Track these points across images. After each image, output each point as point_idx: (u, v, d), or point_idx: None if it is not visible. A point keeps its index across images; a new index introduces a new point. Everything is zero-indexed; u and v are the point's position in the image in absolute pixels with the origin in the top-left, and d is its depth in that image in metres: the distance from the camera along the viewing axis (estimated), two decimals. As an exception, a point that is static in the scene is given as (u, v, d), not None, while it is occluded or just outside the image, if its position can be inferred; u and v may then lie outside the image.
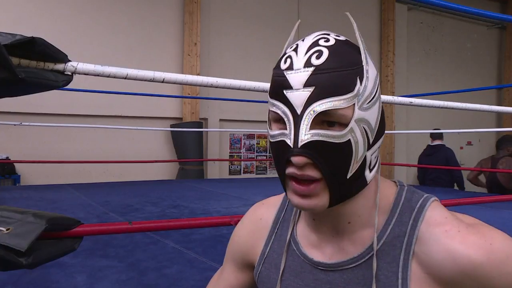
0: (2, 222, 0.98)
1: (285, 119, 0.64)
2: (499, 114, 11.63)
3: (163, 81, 1.25)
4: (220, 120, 8.29)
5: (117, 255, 2.44)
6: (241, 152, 8.77)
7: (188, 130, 7.15)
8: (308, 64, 0.62)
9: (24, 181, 6.66)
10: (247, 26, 8.46)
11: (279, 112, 0.65)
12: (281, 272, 0.76)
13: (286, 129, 0.64)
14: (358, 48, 0.67)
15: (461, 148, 10.68)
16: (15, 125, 5.19)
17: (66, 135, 6.83)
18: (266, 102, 0.70)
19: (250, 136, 8.80)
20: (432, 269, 0.64)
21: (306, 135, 0.62)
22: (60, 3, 6.92)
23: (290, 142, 0.63)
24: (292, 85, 0.63)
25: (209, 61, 8.11)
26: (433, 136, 6.02)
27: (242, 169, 8.80)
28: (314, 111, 0.61)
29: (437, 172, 5.77)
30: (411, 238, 0.67)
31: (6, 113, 6.22)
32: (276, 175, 0.70)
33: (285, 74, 0.64)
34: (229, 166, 8.66)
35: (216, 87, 1.34)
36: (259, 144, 8.90)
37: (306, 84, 0.61)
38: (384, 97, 1.80)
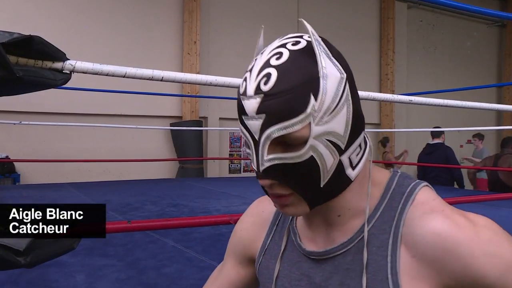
0: (0, 221, 0.98)
1: (248, 143, 0.66)
2: (499, 112, 11.63)
3: (161, 80, 1.25)
4: (220, 118, 8.29)
5: (116, 254, 2.44)
6: (241, 151, 8.77)
7: (187, 129, 7.15)
8: (257, 90, 0.62)
9: (24, 180, 6.66)
10: (246, 24, 8.45)
11: (243, 135, 0.67)
12: (278, 259, 0.77)
13: (251, 152, 0.66)
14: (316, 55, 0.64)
15: (461, 146, 10.68)
16: (14, 124, 5.18)
17: (65, 134, 6.83)
18: None
19: (250, 135, 8.79)
20: (416, 249, 0.64)
21: (265, 161, 0.63)
22: (59, 2, 6.91)
23: (254, 166, 0.65)
24: (247, 112, 0.63)
25: (209, 59, 8.10)
26: (433, 135, 6.04)
27: (242, 167, 8.80)
28: (269, 137, 0.62)
29: (437, 170, 5.78)
30: (399, 222, 0.67)
31: (6, 112, 6.22)
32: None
33: (242, 100, 0.64)
34: (229, 164, 8.66)
35: (216, 85, 1.34)
36: (259, 142, 8.89)
37: (258, 112, 0.62)
38: (384, 96, 1.80)
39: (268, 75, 0.62)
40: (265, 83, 0.61)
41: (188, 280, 2.04)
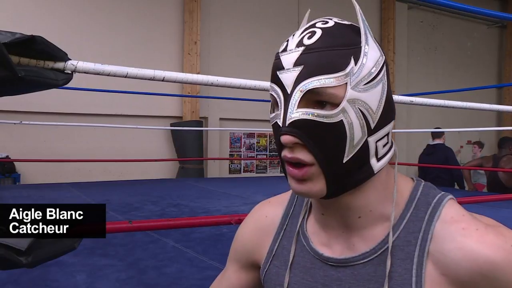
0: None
1: (278, 100, 0.63)
2: (499, 113, 11.63)
3: (163, 80, 1.25)
4: (220, 119, 8.29)
5: (117, 254, 2.44)
6: (241, 151, 8.77)
7: (188, 129, 7.15)
8: (299, 44, 0.62)
9: (24, 180, 6.66)
10: (247, 25, 8.46)
11: (273, 93, 0.64)
12: (289, 267, 0.74)
13: (279, 110, 0.64)
14: (360, 32, 0.65)
15: (461, 147, 10.68)
16: (15, 123, 5.18)
17: (66, 134, 6.83)
18: (266, 101, 0.69)
19: (250, 135, 8.80)
20: (447, 269, 0.61)
21: (294, 113, 0.61)
22: (59, 2, 6.92)
23: (280, 121, 0.63)
24: (284, 66, 0.63)
25: (209, 59, 8.11)
26: (433, 135, 6.04)
27: (242, 168, 8.81)
28: (302, 89, 0.60)
29: (437, 171, 5.78)
30: (426, 235, 0.63)
31: (6, 112, 6.22)
32: (276, 174, 0.69)
33: (280, 56, 0.64)
34: (229, 165, 8.66)
35: (217, 85, 1.34)
36: (259, 143, 8.91)
37: (296, 64, 0.61)
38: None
39: (313, 32, 0.63)
40: (309, 38, 0.62)
41: (189, 280, 2.04)
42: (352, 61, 0.61)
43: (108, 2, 7.31)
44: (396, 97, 1.84)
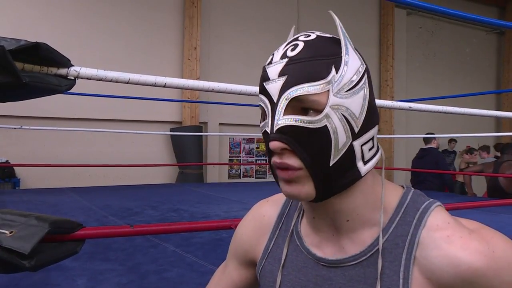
0: (5, 225, 0.99)
1: (266, 109, 0.67)
2: (498, 119, 11.65)
3: (164, 86, 1.26)
4: (220, 124, 8.31)
5: (117, 259, 2.44)
6: (240, 156, 8.78)
7: (187, 134, 7.17)
8: (283, 56, 0.66)
9: (24, 184, 6.66)
10: (247, 30, 8.50)
11: (261, 103, 0.68)
12: (281, 264, 0.77)
13: (267, 118, 0.67)
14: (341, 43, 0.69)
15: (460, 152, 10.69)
16: (15, 128, 5.19)
17: (66, 138, 6.84)
18: None
19: (250, 140, 8.82)
20: (432, 274, 0.64)
21: (280, 120, 0.64)
22: (61, 9, 6.95)
23: (268, 129, 0.66)
24: (269, 77, 0.66)
25: (209, 65, 8.13)
26: (425, 140, 6.16)
27: (241, 173, 8.81)
28: (287, 97, 0.64)
29: (425, 174, 5.85)
30: (413, 240, 0.66)
31: (6, 117, 6.23)
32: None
33: (266, 68, 0.68)
34: (229, 170, 8.67)
35: (218, 91, 1.35)
36: (258, 148, 8.92)
37: (280, 74, 0.65)
38: (384, 102, 1.82)
39: (296, 45, 0.66)
40: (292, 50, 0.66)
41: (189, 285, 2.04)
42: (333, 70, 0.64)
43: (108, 8, 7.34)
44: (395, 103, 1.85)
